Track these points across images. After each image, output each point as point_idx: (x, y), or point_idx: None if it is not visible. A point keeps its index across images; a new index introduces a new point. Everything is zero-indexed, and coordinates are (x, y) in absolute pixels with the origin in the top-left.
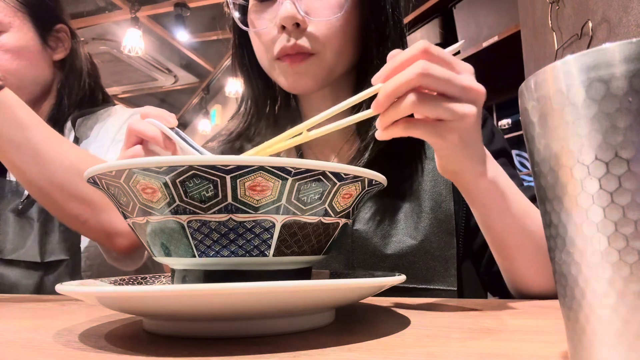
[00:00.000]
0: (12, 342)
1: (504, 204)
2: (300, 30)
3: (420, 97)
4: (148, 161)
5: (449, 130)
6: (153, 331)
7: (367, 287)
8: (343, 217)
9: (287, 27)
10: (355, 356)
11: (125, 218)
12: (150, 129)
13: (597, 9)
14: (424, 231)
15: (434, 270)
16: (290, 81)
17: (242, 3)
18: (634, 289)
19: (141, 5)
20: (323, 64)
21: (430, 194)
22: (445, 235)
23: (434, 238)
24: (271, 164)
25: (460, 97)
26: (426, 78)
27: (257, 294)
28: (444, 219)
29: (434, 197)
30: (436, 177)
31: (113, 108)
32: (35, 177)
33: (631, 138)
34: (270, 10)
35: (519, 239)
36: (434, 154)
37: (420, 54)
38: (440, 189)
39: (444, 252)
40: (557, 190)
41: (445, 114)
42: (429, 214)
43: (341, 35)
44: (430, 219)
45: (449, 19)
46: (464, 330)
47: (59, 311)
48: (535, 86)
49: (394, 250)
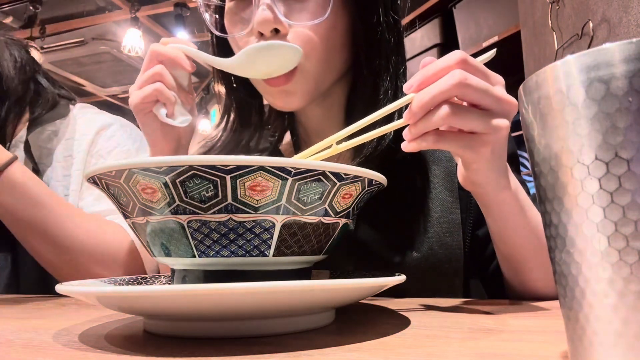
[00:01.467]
0: (12, 342)
1: (522, 217)
2: (280, 36)
3: (455, 108)
4: (148, 161)
5: (482, 143)
6: (153, 331)
7: (367, 287)
8: (343, 217)
9: (265, 33)
10: (355, 356)
11: (125, 218)
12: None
13: (597, 9)
14: (429, 243)
15: (439, 284)
16: (280, 104)
17: (218, 3)
18: (634, 289)
19: (141, 5)
20: (309, 77)
21: (436, 202)
22: (452, 247)
23: (440, 250)
24: (271, 164)
25: (494, 109)
26: (463, 89)
27: (257, 294)
28: (452, 230)
29: (440, 206)
30: (442, 183)
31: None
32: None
33: (631, 138)
34: (247, 13)
35: (532, 253)
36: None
37: (455, 64)
38: (445, 196)
39: (450, 265)
40: (557, 190)
41: (481, 126)
42: (434, 224)
43: (326, 41)
44: (435, 229)
45: (449, 19)
46: (464, 330)
47: (59, 311)
48: (535, 86)
49: (398, 261)
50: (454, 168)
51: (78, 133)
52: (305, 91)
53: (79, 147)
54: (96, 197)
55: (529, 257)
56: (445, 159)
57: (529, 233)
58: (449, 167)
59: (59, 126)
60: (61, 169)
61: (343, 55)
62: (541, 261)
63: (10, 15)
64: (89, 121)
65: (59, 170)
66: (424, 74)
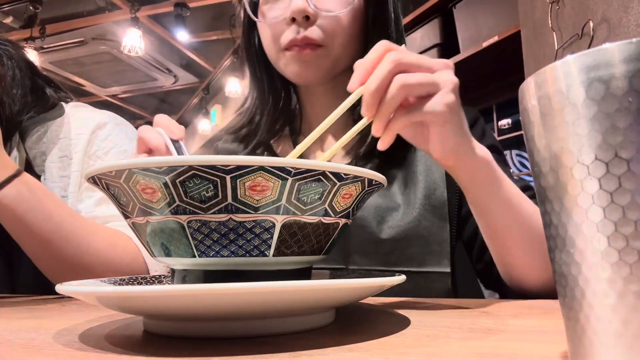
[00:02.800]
0: (12, 342)
1: (496, 186)
2: (310, 22)
3: (402, 77)
4: (148, 161)
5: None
6: (153, 331)
7: (367, 287)
8: (343, 217)
9: (298, 19)
10: (355, 356)
11: (126, 218)
12: (156, 138)
13: (597, 9)
14: (417, 217)
15: (428, 254)
16: (297, 70)
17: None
18: (634, 289)
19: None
20: (330, 55)
21: (424, 182)
22: (439, 220)
23: (428, 223)
24: (271, 164)
25: (434, 68)
26: (400, 66)
27: (257, 294)
28: (438, 206)
29: (427, 185)
30: (429, 165)
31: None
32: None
33: (631, 138)
34: (280, 3)
35: (512, 224)
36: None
37: (384, 51)
38: (434, 177)
39: (437, 236)
40: (557, 190)
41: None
42: (422, 201)
43: (348, 30)
44: (423, 205)
45: (449, 19)
46: (464, 330)
47: (59, 311)
48: (535, 86)
49: (388, 235)
50: None
51: (73, 132)
52: (322, 66)
53: (75, 147)
54: (96, 201)
55: (509, 229)
56: None
57: (506, 204)
58: None
59: (49, 127)
60: (57, 170)
61: (358, 45)
62: (523, 234)
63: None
64: (84, 119)
65: (55, 172)
66: (361, 69)
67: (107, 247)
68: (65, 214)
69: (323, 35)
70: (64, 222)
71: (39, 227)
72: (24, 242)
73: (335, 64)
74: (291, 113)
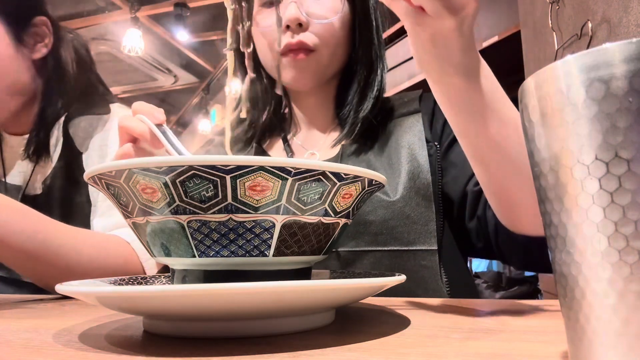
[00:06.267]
0: (12, 342)
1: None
2: (302, 29)
3: None
4: (148, 161)
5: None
6: (153, 331)
7: (367, 287)
8: (343, 217)
9: (292, 26)
10: (355, 356)
11: (125, 218)
12: (139, 126)
13: (597, 9)
14: (403, 198)
15: (415, 233)
16: (293, 75)
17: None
18: (634, 289)
19: (141, 5)
20: (322, 60)
21: (408, 166)
22: (423, 200)
23: (413, 203)
24: (271, 164)
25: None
26: None
27: (257, 294)
28: (422, 187)
29: (411, 169)
30: (412, 151)
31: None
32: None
33: (631, 138)
34: (272, 13)
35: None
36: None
37: None
38: (418, 162)
39: (422, 215)
40: (557, 190)
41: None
42: (407, 184)
43: (337, 35)
44: (408, 188)
45: None
46: (464, 330)
47: (59, 311)
48: (535, 86)
49: (375, 216)
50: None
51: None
52: (314, 71)
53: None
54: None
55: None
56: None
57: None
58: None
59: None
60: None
61: (344, 52)
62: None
63: None
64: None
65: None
66: None
67: (99, 252)
68: (50, 229)
69: (315, 40)
70: (49, 238)
71: (23, 247)
72: (12, 264)
73: (324, 69)
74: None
